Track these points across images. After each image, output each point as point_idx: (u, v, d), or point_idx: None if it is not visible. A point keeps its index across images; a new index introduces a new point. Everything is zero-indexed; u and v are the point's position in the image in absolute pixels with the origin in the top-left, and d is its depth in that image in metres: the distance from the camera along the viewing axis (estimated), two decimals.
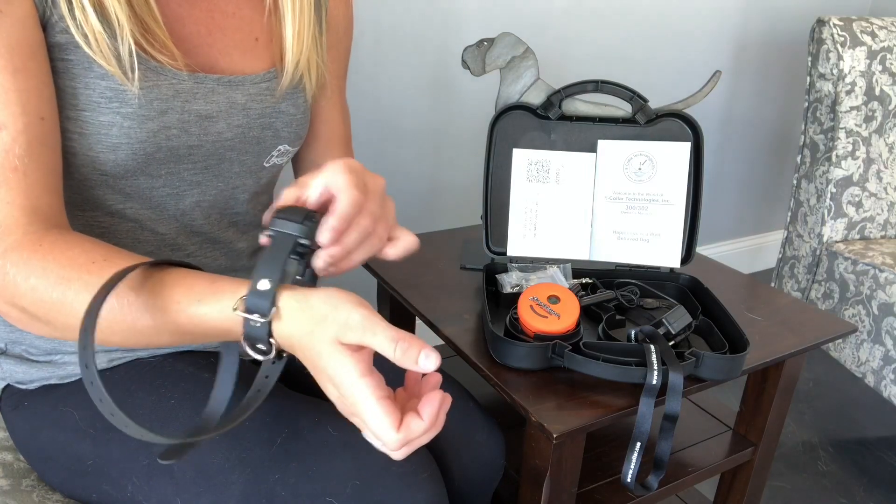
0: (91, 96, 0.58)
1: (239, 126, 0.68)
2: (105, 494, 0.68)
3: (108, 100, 0.59)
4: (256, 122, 0.70)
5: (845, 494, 1.44)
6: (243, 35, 0.69)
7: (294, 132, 0.74)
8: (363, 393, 0.48)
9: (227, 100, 0.67)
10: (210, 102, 0.65)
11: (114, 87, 0.59)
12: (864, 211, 1.61)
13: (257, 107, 0.69)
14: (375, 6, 1.39)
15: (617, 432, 0.99)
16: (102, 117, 0.59)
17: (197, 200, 0.70)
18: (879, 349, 1.46)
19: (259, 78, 0.69)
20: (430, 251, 1.07)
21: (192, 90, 0.64)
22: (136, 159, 0.62)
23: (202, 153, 0.67)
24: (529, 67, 0.94)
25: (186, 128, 0.64)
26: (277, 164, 0.76)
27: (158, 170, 0.65)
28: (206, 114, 0.65)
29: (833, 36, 1.50)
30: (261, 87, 0.69)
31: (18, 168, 0.54)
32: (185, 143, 0.65)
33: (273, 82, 0.70)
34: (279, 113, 0.72)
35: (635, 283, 0.91)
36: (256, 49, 0.70)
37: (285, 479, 0.62)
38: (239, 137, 0.69)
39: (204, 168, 0.68)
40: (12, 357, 0.71)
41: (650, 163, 0.94)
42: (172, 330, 0.52)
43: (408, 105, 1.52)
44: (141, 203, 0.67)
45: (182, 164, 0.66)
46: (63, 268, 0.52)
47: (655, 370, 0.71)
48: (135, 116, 0.60)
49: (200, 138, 0.66)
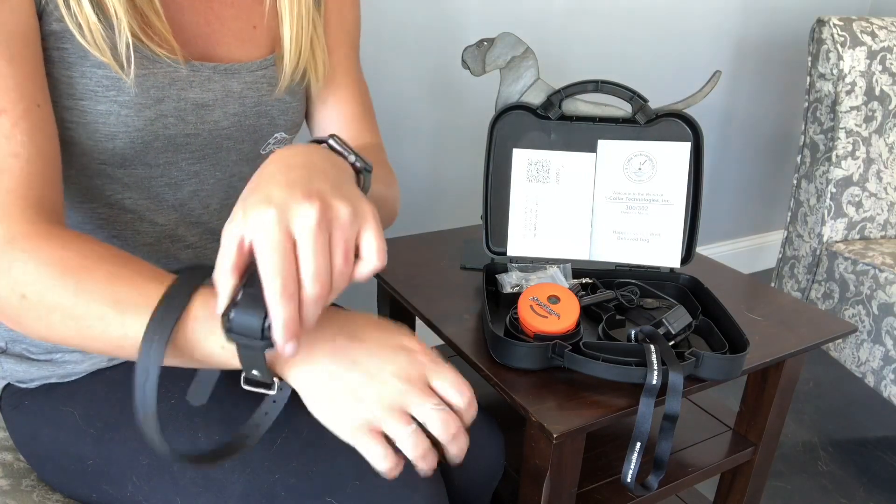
0: (88, 85, 0.58)
1: (235, 114, 0.68)
2: (105, 494, 0.68)
3: (105, 88, 0.59)
4: (252, 110, 0.70)
5: (845, 494, 1.44)
6: (241, 24, 0.69)
7: (290, 120, 0.74)
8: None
9: (223, 88, 0.67)
10: (206, 91, 0.65)
11: (111, 76, 0.59)
12: (864, 211, 1.61)
13: (253, 95, 0.69)
14: (376, 6, 1.39)
15: (617, 432, 0.99)
16: (100, 106, 0.59)
17: (195, 189, 0.70)
18: (879, 349, 1.46)
19: (255, 66, 0.69)
20: (430, 251, 1.07)
21: (188, 78, 0.64)
22: (134, 148, 0.62)
23: (199, 142, 0.67)
24: (529, 67, 0.95)
25: (183, 116, 0.64)
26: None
27: (156, 159, 0.65)
28: (203, 102, 0.65)
29: (833, 36, 1.50)
30: (256, 76, 0.69)
31: (21, 154, 0.53)
32: (181, 132, 0.65)
33: (269, 70, 0.70)
34: (276, 101, 0.71)
35: (635, 283, 0.91)
36: (254, 37, 0.70)
37: (285, 479, 0.62)
38: (235, 126, 0.69)
39: (201, 157, 0.68)
40: (12, 356, 0.71)
41: (650, 163, 0.94)
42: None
43: (408, 105, 1.52)
44: (139, 193, 0.67)
45: (179, 153, 0.66)
46: (55, 266, 0.50)
47: (655, 370, 0.71)
48: (132, 105, 0.60)
49: (197, 127, 0.66)
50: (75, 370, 0.70)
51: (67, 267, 0.50)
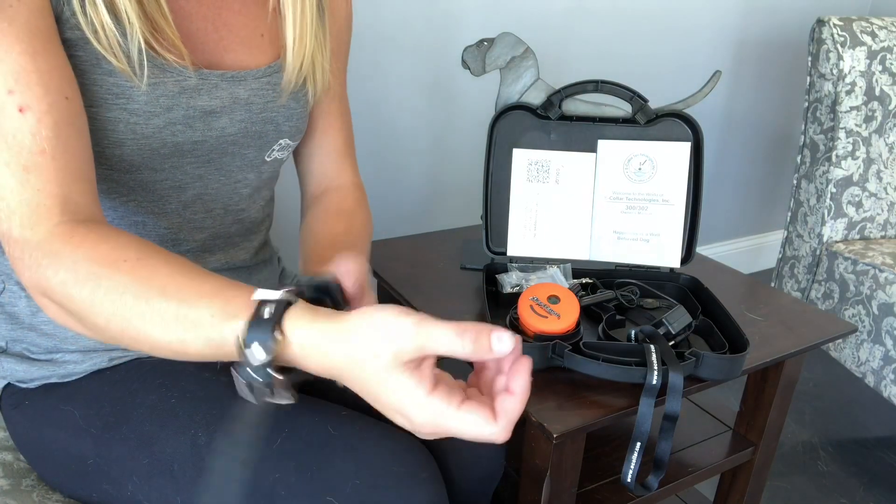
0: (98, 92, 0.59)
1: (241, 121, 0.69)
2: (105, 494, 0.68)
3: (115, 96, 0.59)
4: (258, 116, 0.70)
5: (845, 494, 1.44)
6: (249, 31, 0.69)
7: (295, 126, 0.75)
8: (440, 409, 0.44)
9: (231, 95, 0.67)
10: (214, 98, 0.66)
11: (121, 84, 0.59)
12: (864, 211, 1.61)
13: (259, 101, 0.70)
14: (375, 6, 1.39)
15: (617, 432, 0.99)
16: (109, 113, 0.59)
17: (199, 193, 0.70)
18: (879, 349, 1.46)
19: (260, 73, 0.69)
20: (430, 251, 1.07)
21: (196, 86, 0.64)
22: (141, 154, 0.63)
23: (205, 148, 0.67)
24: (529, 67, 0.95)
25: (191, 123, 0.64)
26: (279, 159, 0.76)
27: (162, 164, 0.65)
28: (210, 109, 0.66)
29: (833, 36, 1.50)
30: (262, 83, 0.70)
31: (46, 151, 0.52)
32: (189, 139, 0.65)
33: (274, 77, 0.71)
34: (280, 108, 0.72)
35: (635, 283, 0.91)
36: (262, 45, 0.70)
37: (285, 479, 0.62)
38: (242, 132, 0.69)
39: (206, 161, 0.69)
40: (13, 356, 0.72)
41: (650, 163, 0.94)
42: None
43: (408, 105, 1.52)
44: (143, 196, 0.67)
45: (185, 158, 0.67)
46: (93, 263, 0.50)
47: (655, 370, 0.71)
48: (141, 113, 0.60)
49: (204, 133, 0.66)
50: (75, 370, 0.70)
51: (105, 262, 0.50)
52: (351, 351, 0.45)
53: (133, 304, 0.49)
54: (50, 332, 0.70)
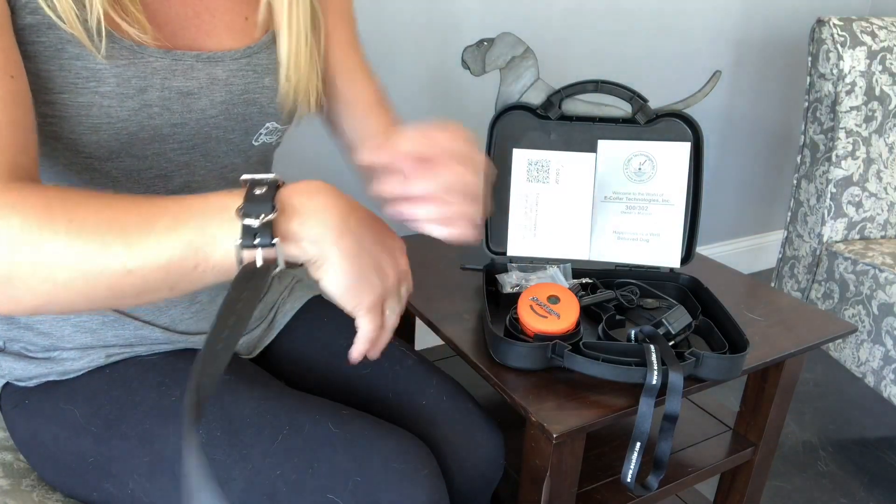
0: (67, 77, 0.58)
1: (222, 102, 0.68)
2: (106, 493, 0.68)
3: (84, 80, 0.58)
4: (240, 98, 0.69)
5: (845, 494, 1.44)
6: (233, 15, 0.69)
7: (280, 107, 0.74)
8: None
9: (208, 76, 0.66)
10: (190, 79, 0.65)
11: (90, 67, 0.58)
12: (864, 211, 1.61)
13: (239, 83, 0.68)
14: (375, 6, 1.39)
15: (617, 432, 0.99)
16: (80, 98, 0.59)
17: (186, 181, 0.69)
18: (879, 349, 1.46)
19: (238, 54, 0.68)
20: (430, 251, 1.07)
21: (170, 67, 0.63)
22: (119, 139, 0.62)
23: (187, 132, 0.66)
24: (529, 67, 0.95)
25: (168, 105, 0.63)
26: (267, 143, 0.75)
27: (144, 150, 0.64)
28: (188, 90, 0.65)
29: (833, 36, 1.50)
30: (241, 63, 0.68)
31: None
32: (168, 122, 0.64)
33: (254, 58, 0.69)
34: (263, 88, 0.70)
35: (635, 283, 0.91)
36: (246, 28, 0.69)
37: (286, 476, 0.62)
38: (223, 114, 0.68)
39: (190, 147, 0.68)
40: (11, 354, 0.71)
41: (650, 163, 0.94)
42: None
43: (408, 105, 1.52)
44: (129, 186, 0.66)
45: (167, 143, 0.66)
46: (59, 199, 0.48)
47: (655, 370, 0.71)
48: (113, 95, 0.59)
49: (183, 116, 0.65)
50: (73, 367, 0.70)
51: (53, 209, 0.47)
52: (340, 194, 0.51)
53: (118, 227, 0.47)
54: (46, 330, 0.70)
